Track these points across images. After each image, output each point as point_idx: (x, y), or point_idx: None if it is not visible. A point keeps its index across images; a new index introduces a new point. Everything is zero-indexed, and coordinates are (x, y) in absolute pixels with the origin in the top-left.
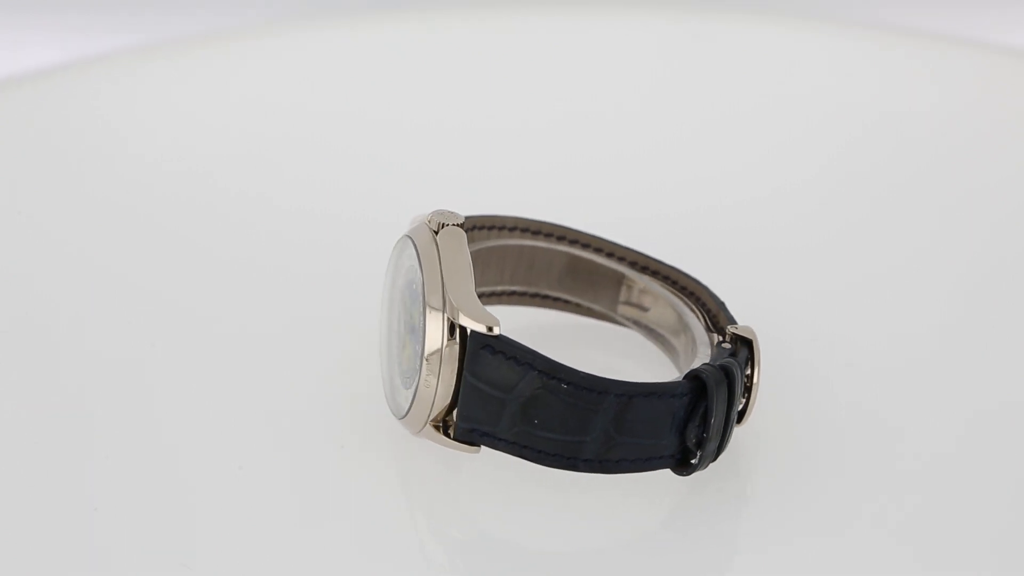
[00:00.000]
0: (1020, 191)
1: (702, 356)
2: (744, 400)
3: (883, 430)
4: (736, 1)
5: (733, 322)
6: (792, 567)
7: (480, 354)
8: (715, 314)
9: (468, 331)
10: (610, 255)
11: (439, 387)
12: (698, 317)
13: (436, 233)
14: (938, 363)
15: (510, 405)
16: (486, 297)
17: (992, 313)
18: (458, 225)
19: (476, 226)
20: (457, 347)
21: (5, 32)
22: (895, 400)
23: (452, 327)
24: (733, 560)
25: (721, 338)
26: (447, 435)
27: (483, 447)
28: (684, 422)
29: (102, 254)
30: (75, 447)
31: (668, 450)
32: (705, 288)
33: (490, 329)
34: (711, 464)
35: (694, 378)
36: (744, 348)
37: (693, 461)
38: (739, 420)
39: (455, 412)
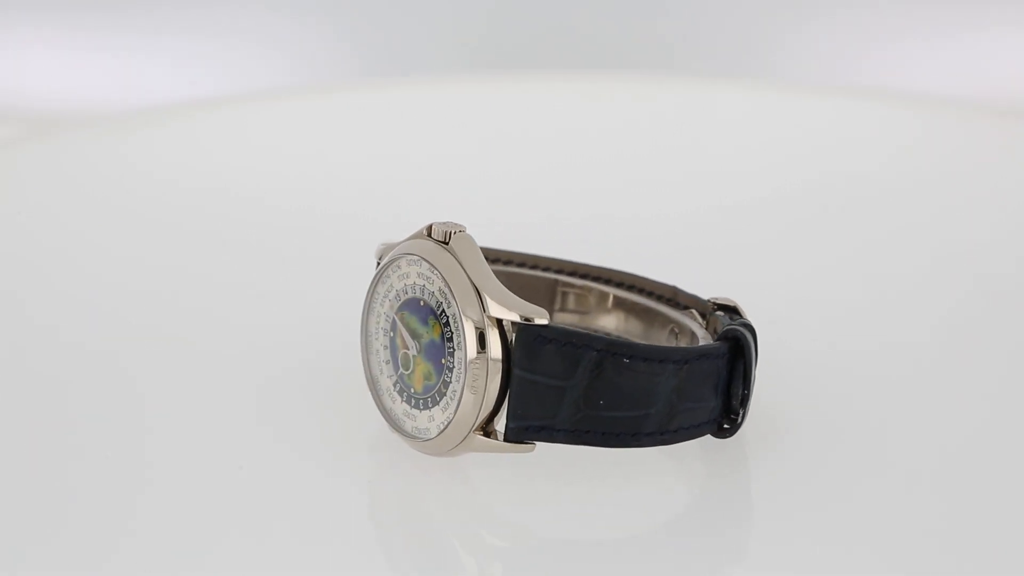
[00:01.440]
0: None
1: (697, 330)
2: None
3: (880, 424)
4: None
5: (697, 298)
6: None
7: (532, 346)
8: (670, 298)
9: (516, 326)
10: (534, 267)
11: (487, 391)
12: (660, 303)
13: (446, 243)
14: (931, 356)
15: (571, 392)
16: None
17: (987, 310)
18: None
19: None
20: (500, 347)
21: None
22: (891, 393)
23: (496, 326)
24: (747, 546)
25: (702, 313)
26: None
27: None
28: (727, 383)
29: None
30: (78, 448)
31: (713, 414)
32: (646, 278)
33: (530, 319)
34: (712, 463)
35: (729, 338)
36: (735, 314)
37: (726, 426)
38: None
39: (501, 413)
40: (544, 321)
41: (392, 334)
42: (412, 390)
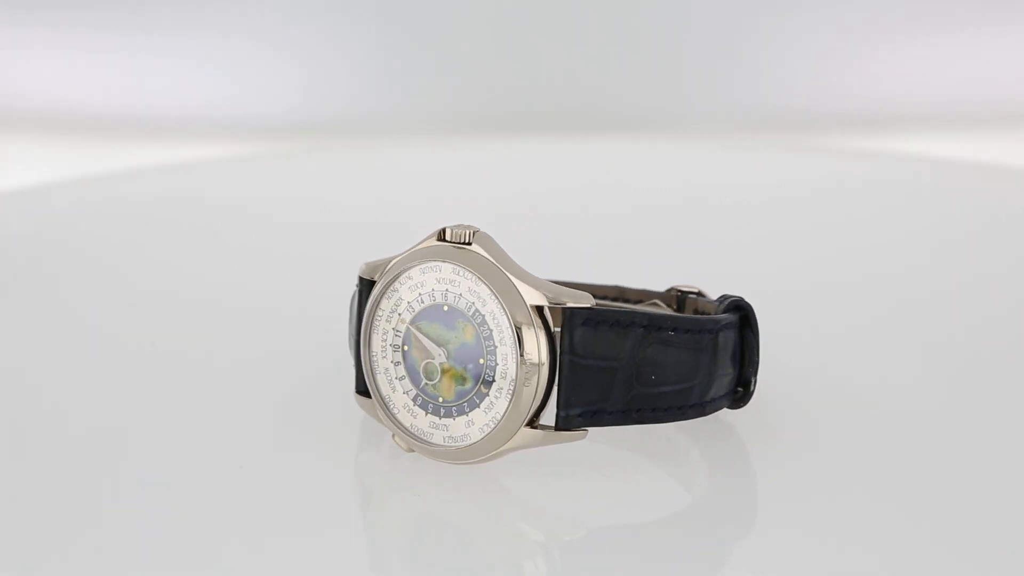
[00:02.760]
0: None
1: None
2: None
3: (879, 419)
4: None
5: (646, 291)
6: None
7: (581, 331)
8: (616, 296)
9: (563, 312)
10: None
11: (538, 384)
12: (610, 302)
13: (467, 243)
14: (927, 351)
15: (622, 371)
16: None
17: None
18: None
19: None
20: (546, 336)
21: None
22: (891, 389)
23: (539, 316)
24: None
25: (667, 303)
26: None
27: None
28: (741, 352)
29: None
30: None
31: (731, 385)
32: (583, 283)
33: (575, 304)
34: (712, 456)
35: (736, 308)
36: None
37: (737, 398)
38: None
39: (551, 403)
40: (589, 304)
41: (406, 348)
42: (440, 399)
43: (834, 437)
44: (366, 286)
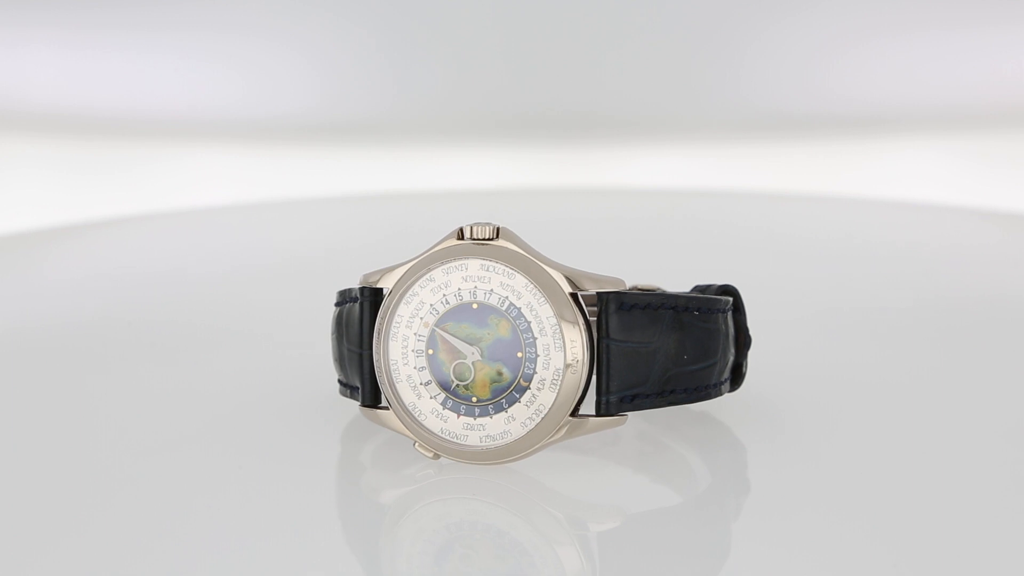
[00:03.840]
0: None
1: None
2: None
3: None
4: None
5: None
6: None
7: (617, 315)
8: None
9: (601, 298)
10: None
11: (582, 372)
12: None
13: (492, 239)
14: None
15: (660, 353)
16: None
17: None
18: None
19: None
20: (584, 323)
21: None
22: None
23: (575, 304)
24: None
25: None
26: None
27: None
28: (737, 334)
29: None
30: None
31: (731, 366)
32: None
33: (612, 289)
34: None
35: (726, 292)
36: None
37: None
38: None
39: (590, 391)
40: (625, 288)
41: (431, 351)
42: (474, 399)
43: (836, 436)
44: (368, 296)
